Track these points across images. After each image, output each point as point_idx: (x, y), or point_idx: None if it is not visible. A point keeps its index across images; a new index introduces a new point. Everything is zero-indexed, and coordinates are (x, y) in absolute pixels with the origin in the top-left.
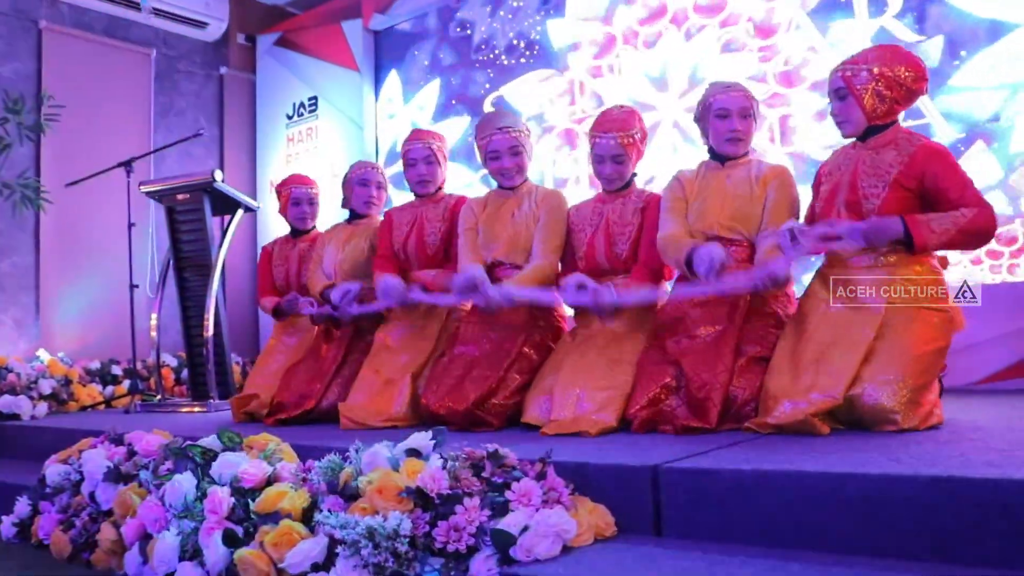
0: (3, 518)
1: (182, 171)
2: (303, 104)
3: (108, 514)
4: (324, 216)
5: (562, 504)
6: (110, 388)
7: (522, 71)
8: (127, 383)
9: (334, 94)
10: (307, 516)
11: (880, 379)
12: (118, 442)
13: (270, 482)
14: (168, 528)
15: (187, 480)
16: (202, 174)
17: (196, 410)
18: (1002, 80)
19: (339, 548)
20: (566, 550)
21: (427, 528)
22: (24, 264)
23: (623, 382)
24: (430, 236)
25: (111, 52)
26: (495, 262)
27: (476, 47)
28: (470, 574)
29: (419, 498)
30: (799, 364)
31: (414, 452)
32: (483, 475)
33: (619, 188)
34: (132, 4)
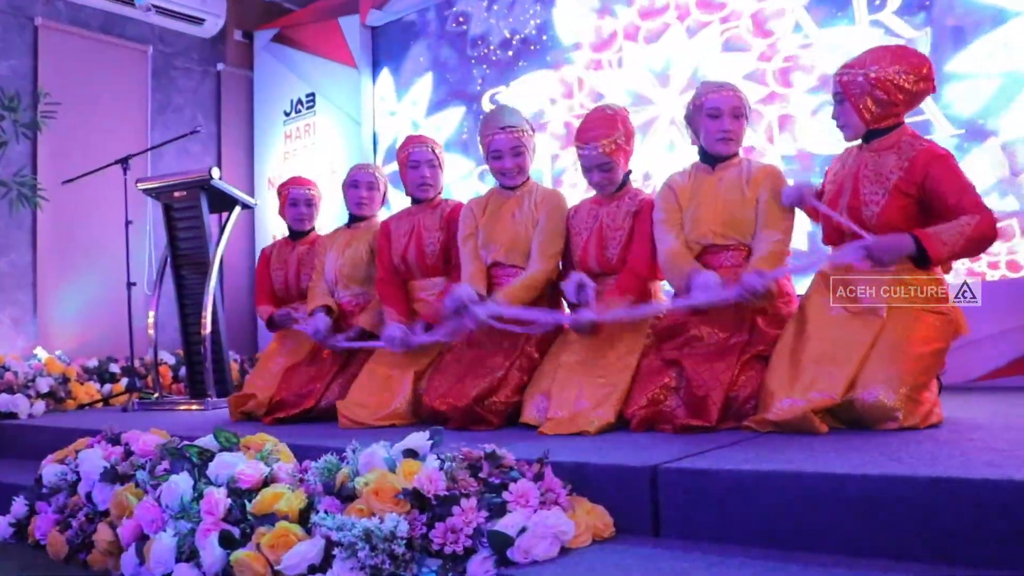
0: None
1: (179, 168)
2: (301, 101)
3: (105, 514)
4: (324, 218)
5: (560, 505)
6: (108, 386)
7: (520, 65)
8: (125, 381)
9: (332, 90)
10: (304, 517)
11: (880, 378)
12: (115, 442)
13: (267, 483)
14: (165, 529)
15: (183, 481)
16: (199, 171)
17: (194, 408)
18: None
19: (336, 550)
20: (564, 551)
21: (424, 530)
22: (21, 262)
23: (620, 379)
24: (429, 245)
25: (107, 49)
26: (495, 263)
27: (474, 42)
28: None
29: (416, 499)
30: (799, 363)
31: (411, 452)
32: (480, 476)
33: (613, 192)
34: (128, 1)
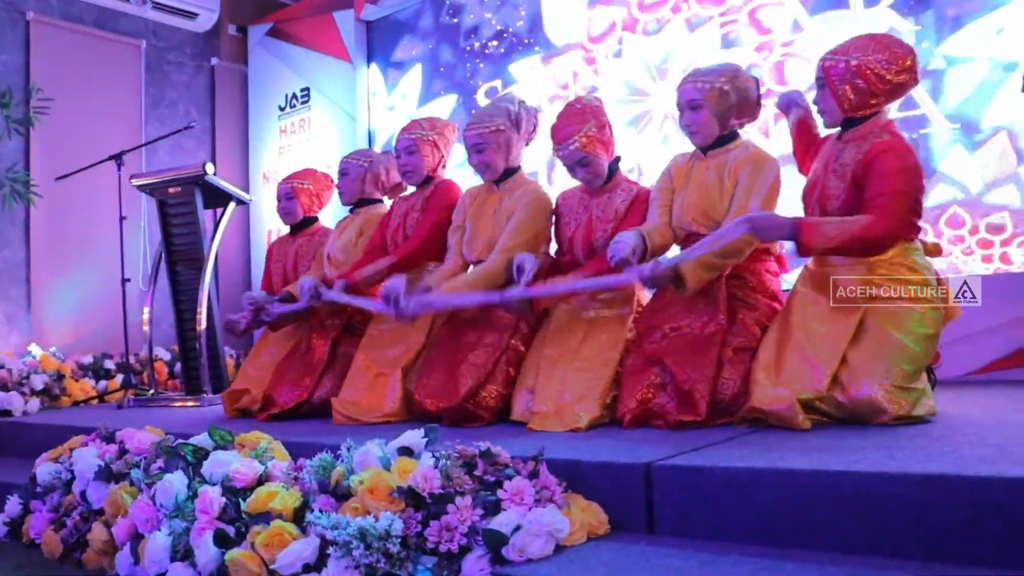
0: None
1: (174, 163)
2: (295, 95)
3: (99, 513)
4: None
5: (555, 503)
6: (103, 383)
7: (513, 58)
8: (120, 377)
9: (327, 85)
10: (299, 516)
11: (867, 372)
12: (109, 440)
13: (261, 481)
14: (159, 528)
15: (178, 479)
16: (193, 167)
17: (189, 405)
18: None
19: (331, 549)
20: (559, 549)
21: (419, 528)
22: (15, 258)
23: (603, 372)
24: (411, 227)
25: (100, 44)
26: (478, 260)
27: (467, 36)
28: (462, 574)
29: (411, 497)
30: (783, 356)
31: (406, 450)
32: (475, 473)
33: (602, 183)
34: None
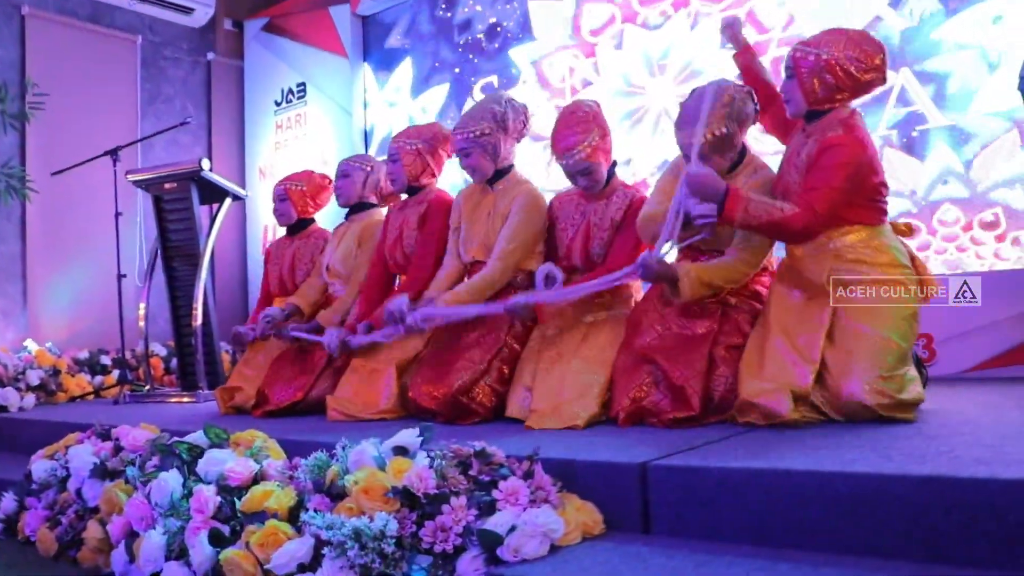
0: None
1: (170, 159)
2: (291, 90)
3: (95, 511)
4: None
5: (550, 503)
6: (99, 378)
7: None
8: (116, 373)
9: (323, 80)
10: (294, 515)
11: (849, 371)
12: (105, 437)
13: (256, 480)
14: (154, 527)
15: (173, 478)
16: (189, 163)
17: (185, 401)
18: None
19: (325, 549)
20: (554, 549)
21: (414, 528)
22: (10, 253)
23: (601, 371)
24: (408, 246)
25: (96, 39)
26: (474, 262)
27: (462, 31)
28: (457, 575)
29: (406, 497)
30: (764, 353)
31: (401, 450)
32: (470, 473)
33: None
34: None
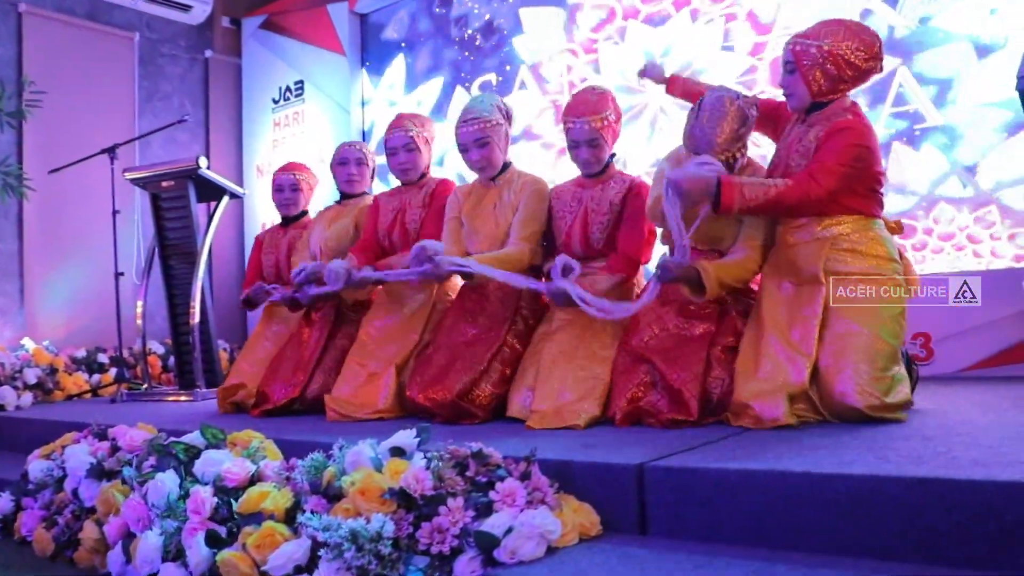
0: None
1: (167, 156)
2: (289, 88)
3: (91, 512)
4: (316, 202)
5: (547, 504)
6: (96, 377)
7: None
8: (113, 371)
9: (320, 78)
10: (290, 516)
11: (838, 370)
12: (102, 436)
13: (253, 481)
14: (151, 527)
15: (170, 479)
16: (186, 161)
17: (182, 399)
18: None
19: (322, 551)
20: (551, 551)
21: (410, 529)
22: (7, 251)
23: (603, 370)
24: (411, 223)
25: (93, 36)
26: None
27: (460, 28)
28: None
29: (402, 499)
30: (759, 350)
31: (398, 451)
32: (467, 474)
33: (597, 172)
34: None
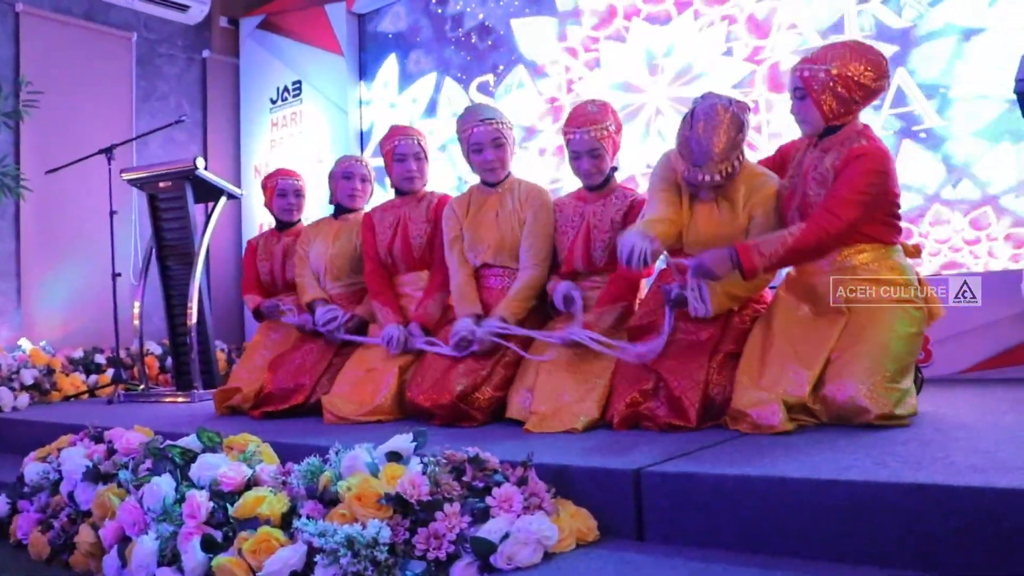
0: None
1: (165, 156)
2: (287, 88)
3: (87, 515)
4: (309, 208)
5: (544, 509)
6: (93, 377)
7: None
8: (110, 372)
9: (318, 78)
10: (286, 521)
11: (850, 373)
12: (98, 439)
13: (249, 485)
14: (147, 532)
15: (165, 483)
16: (184, 162)
17: (180, 400)
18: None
19: (318, 556)
20: (547, 556)
21: (407, 535)
22: (5, 252)
23: (603, 376)
24: (415, 238)
25: (91, 36)
26: (483, 264)
27: (458, 27)
28: None
29: (399, 504)
30: (765, 361)
31: (395, 455)
32: (464, 479)
33: (599, 185)
34: None
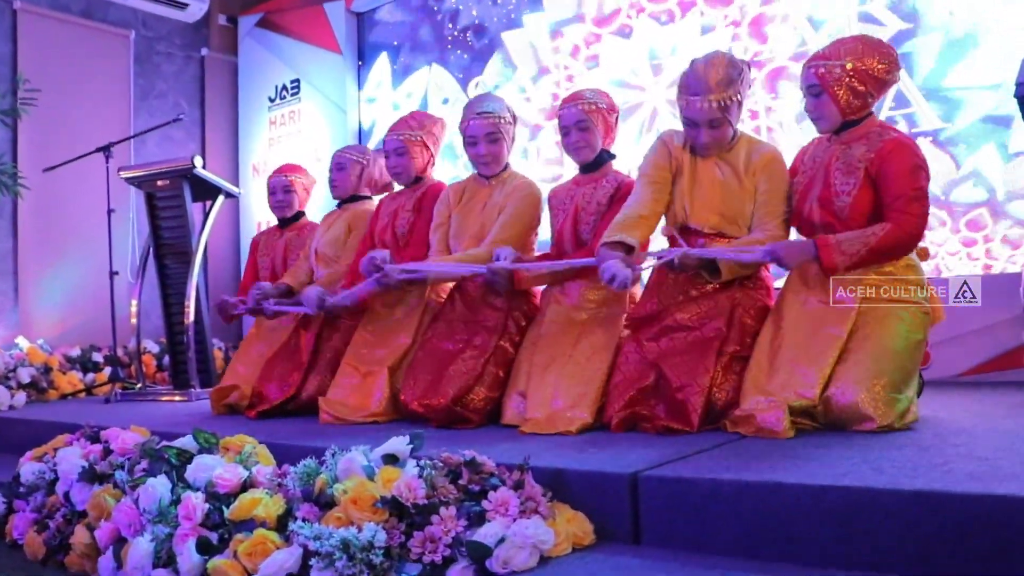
0: None
1: (163, 155)
2: (285, 87)
3: (83, 515)
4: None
5: (540, 513)
6: (91, 376)
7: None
8: (108, 371)
9: (317, 77)
10: (282, 523)
11: (855, 377)
12: (94, 439)
13: (245, 487)
14: (142, 533)
15: (161, 484)
16: (182, 160)
17: (177, 399)
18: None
19: (313, 559)
20: (543, 560)
21: (402, 538)
22: (2, 250)
23: (595, 376)
24: (400, 227)
25: (89, 34)
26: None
27: (456, 26)
28: None
29: (394, 507)
30: (774, 363)
31: (391, 457)
32: (460, 483)
33: (591, 166)
34: None
